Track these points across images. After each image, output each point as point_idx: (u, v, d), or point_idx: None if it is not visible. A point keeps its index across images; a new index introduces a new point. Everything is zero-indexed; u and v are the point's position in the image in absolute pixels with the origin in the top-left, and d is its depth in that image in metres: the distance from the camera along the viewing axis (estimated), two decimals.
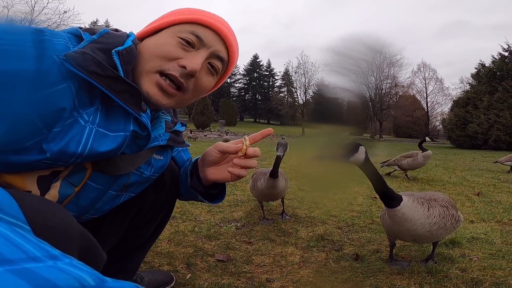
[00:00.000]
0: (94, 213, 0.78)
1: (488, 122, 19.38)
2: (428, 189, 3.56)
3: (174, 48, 0.69)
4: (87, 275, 0.29)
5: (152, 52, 0.69)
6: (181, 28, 0.71)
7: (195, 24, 0.72)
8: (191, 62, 0.69)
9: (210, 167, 0.88)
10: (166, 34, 0.71)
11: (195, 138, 13.60)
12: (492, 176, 4.89)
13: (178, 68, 0.69)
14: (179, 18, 0.72)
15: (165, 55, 0.69)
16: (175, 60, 0.69)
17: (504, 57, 20.76)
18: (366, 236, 1.82)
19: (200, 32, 0.71)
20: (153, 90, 0.69)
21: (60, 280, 0.27)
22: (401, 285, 1.25)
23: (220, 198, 0.95)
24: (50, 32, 0.57)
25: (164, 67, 0.68)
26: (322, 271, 1.38)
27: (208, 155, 0.87)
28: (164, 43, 0.69)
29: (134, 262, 1.05)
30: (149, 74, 0.68)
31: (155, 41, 0.71)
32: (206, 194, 0.93)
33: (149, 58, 0.69)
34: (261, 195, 2.00)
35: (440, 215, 1.27)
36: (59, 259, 0.30)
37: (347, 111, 1.34)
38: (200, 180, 0.90)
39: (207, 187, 0.91)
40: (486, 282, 1.25)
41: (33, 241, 0.31)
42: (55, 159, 0.58)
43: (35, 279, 0.26)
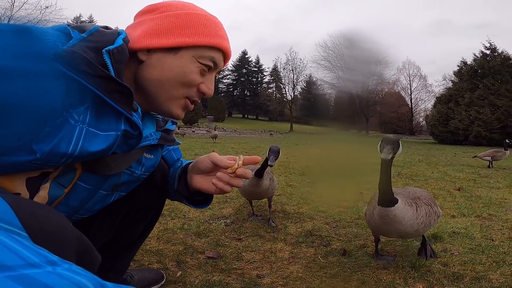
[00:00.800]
0: (84, 213, 0.77)
1: (469, 119, 20.01)
2: (412, 184, 3.66)
3: (197, 76, 0.74)
4: (86, 280, 0.29)
5: (179, 80, 0.72)
6: (202, 52, 0.73)
7: (215, 49, 0.75)
8: (210, 90, 0.77)
9: (199, 175, 0.89)
10: (187, 58, 0.72)
11: (183, 134, 13.47)
12: (472, 171, 5.07)
13: (198, 93, 0.76)
14: (201, 40, 0.72)
15: (191, 83, 0.74)
16: (196, 86, 0.75)
17: (485, 55, 21.41)
18: (353, 231, 1.87)
19: (217, 57, 0.76)
20: (180, 113, 0.77)
21: (59, 285, 0.27)
22: (386, 279, 1.29)
23: (206, 204, 0.97)
24: (38, 29, 0.56)
25: (189, 94, 0.75)
26: (311, 266, 1.41)
27: (200, 164, 0.88)
28: (190, 71, 0.72)
29: (124, 260, 1.05)
30: (178, 99, 0.75)
31: (178, 64, 0.71)
32: (191, 199, 0.94)
33: (175, 86, 0.73)
34: (245, 193, 1.98)
35: (426, 214, 1.32)
36: (57, 265, 0.30)
37: (335, 107, 1.37)
38: (187, 185, 0.91)
39: (192, 193, 0.92)
40: (466, 277, 1.31)
41: (31, 248, 0.31)
42: (46, 160, 0.57)
43: (34, 285, 0.27)
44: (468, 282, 1.26)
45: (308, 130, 6.35)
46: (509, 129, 18.16)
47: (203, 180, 0.88)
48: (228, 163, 0.82)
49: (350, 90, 1.90)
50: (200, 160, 0.88)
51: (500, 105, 19.23)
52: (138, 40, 0.71)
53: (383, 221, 1.29)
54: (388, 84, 36.80)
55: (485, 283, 1.25)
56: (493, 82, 20.10)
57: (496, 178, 4.41)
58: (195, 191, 0.91)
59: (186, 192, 0.91)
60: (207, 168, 0.86)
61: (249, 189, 1.89)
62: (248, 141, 12.24)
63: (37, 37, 0.54)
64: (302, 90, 44.26)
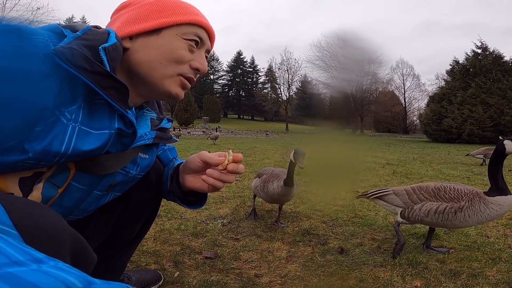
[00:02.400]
0: (79, 213, 0.77)
1: (462, 117, 20.21)
2: (407, 182, 3.69)
3: (186, 52, 0.74)
4: (73, 277, 0.29)
5: (168, 57, 0.72)
6: (184, 29, 0.74)
7: (195, 25, 0.75)
8: (202, 65, 0.76)
9: (190, 174, 0.87)
10: (171, 36, 0.72)
11: (178, 136, 13.41)
12: (466, 169, 5.13)
13: (192, 70, 0.76)
14: (181, 19, 0.73)
15: (181, 59, 0.73)
16: (187, 62, 0.75)
17: (477, 54, 21.65)
18: (349, 230, 1.87)
19: (200, 33, 0.76)
20: (180, 91, 0.76)
21: (45, 283, 0.27)
22: (384, 277, 1.29)
23: (200, 204, 0.95)
24: (29, 29, 0.55)
25: (182, 71, 0.74)
26: (309, 265, 1.41)
27: (190, 163, 0.86)
28: (177, 47, 0.73)
29: (120, 261, 1.04)
30: (173, 77, 0.74)
31: (164, 43, 0.72)
32: (184, 200, 0.93)
33: (166, 63, 0.72)
34: (270, 198, 1.89)
35: None
36: (43, 262, 0.30)
37: (330, 107, 1.37)
38: (180, 185, 0.90)
39: (185, 193, 0.91)
40: (463, 274, 1.32)
41: (15, 246, 0.30)
42: (38, 159, 0.57)
43: (18, 283, 0.26)
44: (465, 279, 1.27)
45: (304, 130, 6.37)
46: (501, 127, 18.41)
47: (195, 180, 0.86)
48: (219, 160, 0.81)
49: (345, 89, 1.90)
50: (190, 160, 0.87)
51: (492, 103, 19.47)
52: (117, 31, 0.71)
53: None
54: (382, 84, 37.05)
55: (482, 280, 1.26)
56: (485, 80, 20.33)
57: None
58: (188, 191, 0.90)
59: (179, 192, 0.90)
60: (198, 167, 0.85)
61: (278, 197, 1.84)
62: (244, 142, 12.23)
63: (27, 37, 0.54)
64: (297, 90, 44.42)
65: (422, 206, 1.50)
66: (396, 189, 1.65)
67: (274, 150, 8.01)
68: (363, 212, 2.29)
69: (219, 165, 0.80)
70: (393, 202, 1.62)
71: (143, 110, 0.81)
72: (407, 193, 1.58)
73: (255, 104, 58.82)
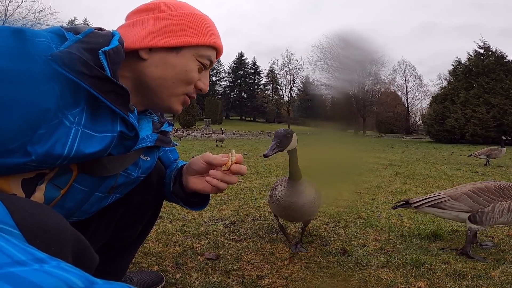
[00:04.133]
0: (81, 215, 0.77)
1: (465, 117, 20.12)
2: (410, 183, 3.67)
3: (197, 74, 0.77)
4: (75, 277, 0.29)
5: (180, 78, 0.75)
6: (201, 51, 0.76)
7: (212, 48, 0.78)
8: (206, 86, 0.80)
9: (194, 176, 0.88)
10: (188, 57, 0.74)
11: (181, 138, 13.43)
12: (469, 170, 5.09)
13: (196, 90, 0.80)
14: (201, 40, 0.75)
15: (191, 81, 0.77)
16: (194, 83, 0.78)
17: (479, 54, 21.57)
18: (352, 231, 1.86)
19: (212, 56, 0.79)
20: (180, 108, 0.80)
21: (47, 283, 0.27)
22: (387, 278, 1.28)
23: (202, 206, 0.95)
24: (31, 31, 0.55)
25: (188, 91, 0.78)
26: (311, 266, 1.40)
27: (194, 164, 0.86)
28: (191, 69, 0.75)
29: (122, 263, 1.04)
30: (179, 96, 0.77)
31: (180, 63, 0.74)
32: (187, 201, 0.93)
33: (178, 84, 0.75)
34: (281, 208, 1.47)
35: None
36: (45, 262, 0.30)
37: (332, 108, 1.36)
38: (183, 187, 0.90)
39: (188, 195, 0.91)
40: (468, 274, 1.30)
41: (18, 245, 0.31)
42: (41, 162, 0.57)
43: (20, 283, 0.26)
44: (469, 280, 1.26)
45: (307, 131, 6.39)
46: (504, 127, 18.30)
47: (199, 181, 0.86)
48: (222, 161, 0.81)
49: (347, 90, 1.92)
50: (194, 161, 0.87)
51: (495, 103, 19.38)
52: (140, 39, 0.71)
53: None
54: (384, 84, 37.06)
55: (487, 281, 1.25)
56: (487, 81, 20.24)
57: (494, 176, 4.43)
58: (191, 193, 0.90)
59: (182, 194, 0.91)
60: (202, 168, 0.85)
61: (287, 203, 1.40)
62: (246, 143, 12.24)
63: (30, 39, 0.54)
64: (299, 91, 44.42)
65: (493, 207, 1.46)
66: (452, 194, 1.58)
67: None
68: (366, 213, 2.28)
69: (223, 166, 0.80)
70: (455, 208, 1.54)
71: (145, 113, 0.81)
72: (470, 197, 1.52)
73: (257, 105, 58.88)
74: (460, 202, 1.53)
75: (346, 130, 1.19)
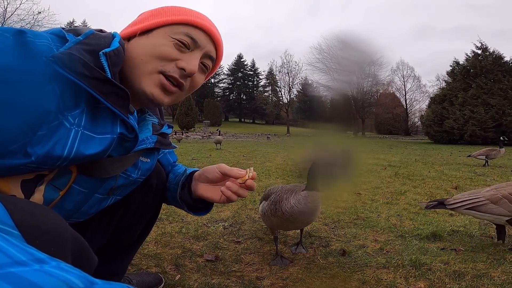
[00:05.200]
0: (80, 216, 0.77)
1: (463, 118, 20.18)
2: (409, 183, 3.67)
3: (171, 49, 0.70)
4: (74, 277, 0.29)
5: (149, 53, 0.69)
6: (174, 29, 0.71)
7: (188, 25, 0.72)
8: (190, 64, 0.71)
9: (205, 183, 0.90)
10: (159, 35, 0.70)
11: (180, 140, 13.42)
12: (468, 170, 5.10)
13: (177, 69, 0.71)
14: (172, 19, 0.72)
15: (164, 56, 0.69)
16: (173, 61, 0.70)
17: (477, 55, 21.66)
18: (351, 232, 1.86)
19: (194, 33, 0.72)
20: (157, 91, 0.70)
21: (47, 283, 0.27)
22: (387, 279, 1.28)
23: (205, 212, 0.97)
24: (32, 33, 0.56)
25: (164, 68, 0.69)
26: (311, 267, 1.40)
27: (209, 173, 0.89)
28: (161, 44, 0.69)
29: (121, 264, 1.04)
30: (151, 75, 0.69)
31: (149, 41, 0.70)
32: (192, 206, 0.95)
33: (147, 60, 0.69)
34: (287, 222, 1.37)
35: None
36: (45, 263, 0.30)
37: (331, 109, 1.35)
38: (191, 193, 0.92)
39: (195, 201, 0.93)
40: (468, 275, 1.30)
41: (18, 246, 0.31)
42: (41, 163, 0.57)
43: (20, 283, 0.26)
44: (469, 280, 1.26)
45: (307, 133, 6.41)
46: (503, 128, 18.35)
47: (209, 189, 0.89)
48: (240, 174, 0.84)
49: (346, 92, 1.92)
50: (209, 170, 0.89)
51: (493, 104, 19.45)
52: (122, 35, 0.73)
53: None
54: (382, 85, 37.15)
55: (487, 281, 1.25)
56: (485, 81, 20.33)
57: (493, 176, 4.44)
58: (197, 199, 0.92)
59: (190, 200, 0.93)
60: (216, 178, 0.87)
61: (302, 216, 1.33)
62: (245, 145, 12.24)
63: (31, 41, 0.54)
64: (298, 93, 44.49)
65: None
66: (492, 197, 1.58)
67: (276, 153, 8.00)
68: (365, 214, 2.28)
69: (239, 178, 0.84)
70: (495, 211, 1.55)
71: (145, 115, 0.81)
72: (510, 201, 1.52)
73: (256, 107, 58.89)
74: (500, 206, 1.55)
75: (345, 132, 1.19)
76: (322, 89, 1.19)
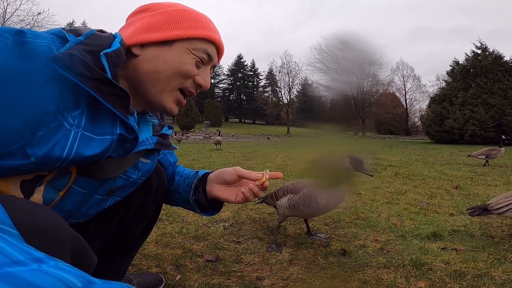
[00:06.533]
0: (79, 217, 0.76)
1: (463, 118, 20.16)
2: (409, 183, 3.67)
3: (193, 67, 0.74)
4: (73, 276, 0.29)
5: (175, 70, 0.72)
6: (194, 44, 0.74)
7: (207, 41, 0.76)
8: (206, 82, 0.77)
9: (220, 184, 0.94)
10: (181, 49, 0.73)
11: (180, 140, 13.42)
12: (469, 170, 5.10)
13: (194, 85, 0.76)
14: (193, 33, 0.73)
15: (187, 74, 0.74)
16: (192, 77, 0.75)
17: (477, 55, 21.64)
18: (352, 232, 1.86)
19: (210, 50, 0.76)
20: (174, 107, 0.76)
21: (45, 282, 0.27)
22: (388, 278, 1.28)
23: (216, 212, 1.00)
24: (32, 33, 0.55)
25: (184, 85, 0.74)
26: (311, 267, 1.39)
27: (226, 175, 0.93)
28: (185, 62, 0.73)
29: (121, 265, 1.03)
30: (172, 91, 0.74)
31: (173, 56, 0.72)
32: (205, 207, 0.98)
33: (171, 77, 0.72)
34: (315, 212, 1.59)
35: None
36: (43, 262, 0.30)
37: (331, 109, 1.35)
38: (206, 194, 0.95)
39: (210, 201, 0.96)
40: (468, 274, 1.30)
41: (16, 245, 0.30)
42: (40, 164, 0.57)
43: (18, 283, 0.26)
44: (470, 280, 1.26)
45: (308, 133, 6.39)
46: (503, 127, 18.35)
47: (224, 190, 0.94)
48: (257, 177, 0.90)
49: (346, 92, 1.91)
50: (225, 172, 0.94)
51: (493, 104, 19.43)
52: (131, 36, 0.71)
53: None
54: (382, 85, 37.14)
55: (488, 280, 1.24)
56: (485, 81, 20.31)
57: (493, 176, 4.44)
58: (211, 200, 0.96)
59: (205, 201, 0.95)
60: (232, 180, 0.93)
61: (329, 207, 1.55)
62: (246, 145, 12.24)
63: (30, 41, 0.54)
64: (298, 93, 44.49)
65: None
66: None
67: (276, 153, 8.00)
68: (366, 213, 2.27)
69: (256, 180, 0.90)
70: None
71: (145, 116, 0.81)
72: None
73: (256, 107, 58.92)
74: None
75: (346, 132, 1.19)
76: (322, 89, 1.19)
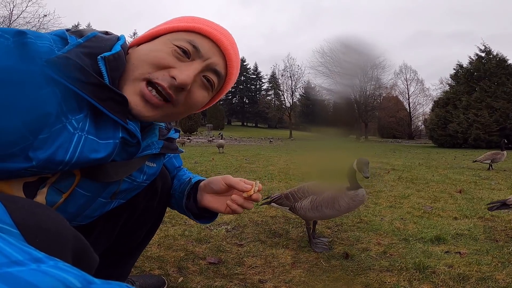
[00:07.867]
0: (83, 220, 0.76)
1: (467, 122, 20.02)
2: (412, 187, 3.65)
3: (166, 55, 0.64)
4: (72, 276, 0.29)
5: (142, 58, 0.65)
6: (178, 36, 0.67)
7: (194, 33, 0.68)
8: (182, 74, 0.63)
9: (210, 194, 0.90)
10: (161, 41, 0.68)
11: (183, 143, 13.44)
12: (473, 174, 5.06)
13: (168, 78, 0.64)
14: (177, 25, 0.68)
15: (156, 62, 0.64)
16: (165, 68, 0.64)
17: (481, 58, 21.53)
18: (354, 235, 1.85)
19: (198, 41, 0.67)
20: (135, 100, 0.63)
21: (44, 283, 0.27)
22: (391, 281, 1.27)
23: (210, 220, 0.97)
24: (34, 34, 0.55)
25: (152, 75, 0.63)
26: (314, 270, 1.39)
27: (214, 184, 0.88)
28: (157, 50, 0.65)
29: (125, 267, 1.04)
30: (135, 81, 0.63)
31: (148, 47, 0.67)
32: (198, 215, 0.95)
33: (138, 64, 0.64)
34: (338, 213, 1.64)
35: None
36: (43, 262, 0.29)
37: (334, 113, 1.36)
38: (197, 202, 0.92)
39: (201, 210, 0.93)
40: (472, 278, 1.29)
41: (15, 245, 0.30)
42: (42, 167, 0.56)
43: (17, 283, 0.26)
44: (474, 283, 1.25)
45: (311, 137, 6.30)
46: (507, 131, 18.20)
47: (214, 200, 0.89)
48: (245, 187, 0.83)
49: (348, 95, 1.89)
50: (214, 181, 0.89)
51: (497, 107, 19.28)
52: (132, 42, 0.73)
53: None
54: (385, 89, 36.95)
55: (492, 283, 1.24)
56: (489, 84, 20.18)
57: (497, 179, 4.40)
58: (203, 208, 0.92)
59: (196, 209, 0.93)
60: (221, 189, 0.87)
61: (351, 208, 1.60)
62: (248, 149, 12.23)
63: (32, 42, 0.53)
64: (301, 97, 44.45)
65: None
66: None
67: (278, 157, 7.98)
68: (368, 217, 2.26)
69: (245, 192, 0.83)
70: None
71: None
72: None
73: (258, 111, 58.87)
74: None
75: (348, 136, 1.19)
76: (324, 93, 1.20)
